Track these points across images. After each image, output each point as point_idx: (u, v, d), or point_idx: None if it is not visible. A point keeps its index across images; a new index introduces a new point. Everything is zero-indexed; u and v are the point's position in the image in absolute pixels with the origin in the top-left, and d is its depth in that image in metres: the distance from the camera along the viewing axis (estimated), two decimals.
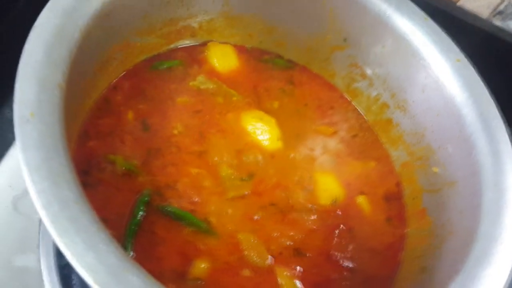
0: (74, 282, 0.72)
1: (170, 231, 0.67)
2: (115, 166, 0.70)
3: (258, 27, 0.91)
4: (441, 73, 0.76)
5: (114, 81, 0.80)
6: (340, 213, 0.77)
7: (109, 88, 0.79)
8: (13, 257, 0.74)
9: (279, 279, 0.68)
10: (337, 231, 0.75)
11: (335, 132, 0.88)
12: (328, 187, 0.79)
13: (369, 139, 0.91)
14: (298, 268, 0.70)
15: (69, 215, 0.45)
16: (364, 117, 0.93)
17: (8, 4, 0.91)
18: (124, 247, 0.63)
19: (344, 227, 0.76)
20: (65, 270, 0.72)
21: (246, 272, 0.67)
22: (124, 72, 0.81)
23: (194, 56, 0.88)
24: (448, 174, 0.74)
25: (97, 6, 0.63)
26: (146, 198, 0.68)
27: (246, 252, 0.68)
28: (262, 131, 0.80)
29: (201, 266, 0.65)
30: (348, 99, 0.94)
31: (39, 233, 0.75)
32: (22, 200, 0.78)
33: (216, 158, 0.75)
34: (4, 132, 0.47)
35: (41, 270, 0.72)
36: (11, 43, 0.56)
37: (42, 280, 0.72)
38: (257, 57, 0.94)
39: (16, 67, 0.52)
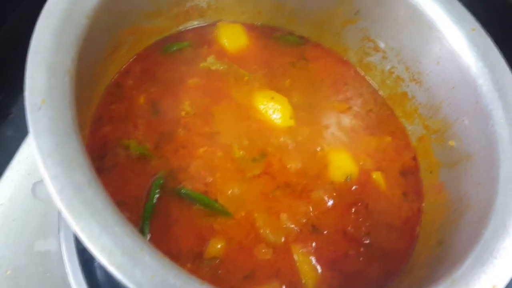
0: (95, 264, 0.74)
1: (185, 212, 0.68)
2: (129, 150, 0.70)
3: (268, 4, 0.90)
4: (456, 44, 0.74)
5: (125, 65, 0.80)
6: (356, 189, 0.77)
7: (121, 72, 0.79)
8: (35, 242, 0.76)
9: (295, 256, 0.68)
10: (353, 208, 0.75)
11: (349, 108, 0.87)
12: (342, 164, 0.78)
13: (384, 113, 0.89)
14: (314, 244, 0.70)
15: (83, 198, 0.46)
16: (379, 91, 0.91)
17: None
18: (142, 229, 0.65)
19: (360, 204, 0.76)
20: (86, 254, 0.74)
21: (262, 250, 0.68)
22: (135, 56, 0.82)
23: (204, 37, 0.87)
24: (465, 147, 0.73)
25: None
26: (160, 181, 0.69)
27: (261, 231, 0.69)
28: (274, 110, 0.80)
29: (217, 246, 0.66)
30: (362, 73, 0.93)
31: (59, 218, 0.77)
32: (41, 187, 0.80)
33: (227, 139, 0.75)
34: (22, 120, 0.48)
35: (62, 254, 0.75)
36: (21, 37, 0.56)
37: (63, 264, 0.74)
38: (267, 35, 0.92)
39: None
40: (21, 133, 0.85)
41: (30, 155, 0.83)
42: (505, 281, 0.54)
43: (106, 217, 0.46)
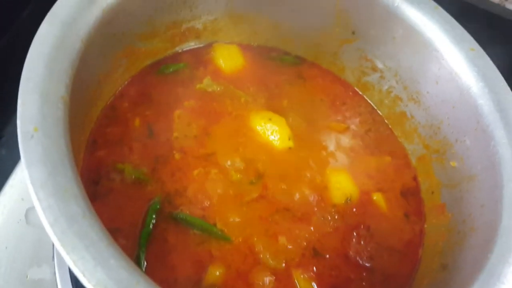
0: None
1: (182, 238, 0.66)
2: (124, 174, 0.69)
3: (264, 25, 0.90)
4: (455, 64, 0.74)
5: (121, 88, 0.79)
6: (356, 211, 0.75)
7: (116, 95, 0.78)
8: (28, 270, 0.74)
9: (296, 282, 0.66)
10: (355, 231, 0.73)
11: (347, 128, 0.86)
12: (341, 185, 0.77)
13: (383, 133, 0.89)
14: (315, 269, 0.68)
15: (78, 230, 0.45)
16: (377, 111, 0.91)
17: (10, 17, 0.91)
18: (138, 257, 0.63)
19: (362, 226, 0.74)
20: (81, 282, 0.72)
21: (263, 276, 0.66)
22: (130, 78, 0.81)
23: (200, 58, 0.87)
24: (466, 168, 0.72)
25: (98, 14, 0.62)
26: (157, 206, 0.67)
27: (261, 255, 0.67)
28: (272, 131, 0.79)
29: (215, 273, 0.64)
30: (360, 93, 0.92)
31: (53, 245, 0.75)
32: (35, 213, 0.77)
33: (224, 161, 0.74)
34: (15, 144, 0.47)
35: (56, 282, 0.72)
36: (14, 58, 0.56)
37: None
38: (264, 55, 0.92)
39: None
40: (14, 156, 0.84)
41: (23, 179, 0.81)
42: None
43: (101, 249, 0.45)
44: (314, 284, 0.67)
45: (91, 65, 0.63)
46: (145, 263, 0.63)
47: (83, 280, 0.43)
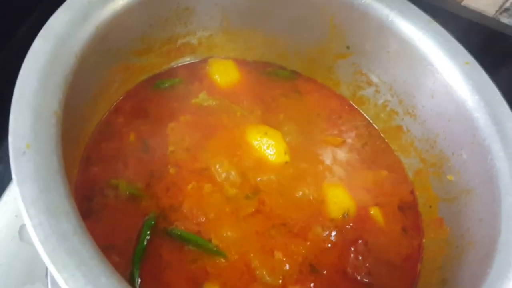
0: None
1: (177, 254, 0.65)
2: (119, 190, 0.68)
3: (259, 40, 0.90)
4: (450, 77, 0.74)
5: (115, 103, 0.79)
6: (354, 226, 0.75)
7: (111, 110, 0.78)
8: None
9: None
10: (353, 247, 0.72)
11: (343, 142, 0.86)
12: (338, 199, 0.76)
13: (379, 147, 0.88)
14: (312, 285, 0.67)
15: (69, 248, 0.44)
16: (373, 124, 0.91)
17: (5, 35, 0.91)
18: (132, 274, 0.62)
19: (359, 242, 0.73)
20: None
21: None
22: (125, 94, 0.81)
23: (195, 73, 0.87)
24: (464, 182, 0.71)
25: (92, 30, 0.62)
26: (151, 222, 0.66)
27: (257, 272, 0.66)
28: (268, 146, 0.78)
29: None
30: (356, 107, 0.92)
31: None
32: None
33: (220, 176, 0.73)
34: (9, 160, 0.47)
35: None
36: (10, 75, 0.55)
37: None
38: (259, 70, 0.92)
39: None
40: (8, 173, 0.82)
41: (17, 199, 0.80)
42: None
43: (92, 267, 0.44)
44: None
45: (85, 81, 0.63)
46: (139, 280, 0.62)
47: None
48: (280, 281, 0.66)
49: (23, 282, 0.74)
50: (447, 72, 0.74)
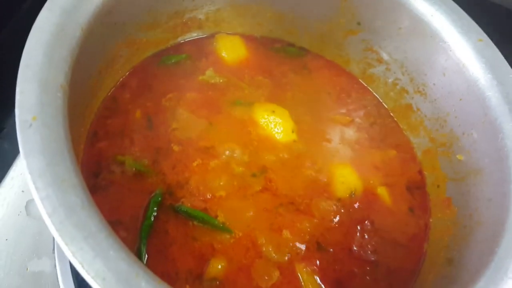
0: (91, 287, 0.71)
1: (184, 230, 0.65)
2: (125, 167, 0.68)
3: (267, 15, 0.88)
4: (463, 55, 0.72)
5: (122, 79, 0.78)
6: (361, 205, 0.74)
7: (117, 86, 0.77)
8: (29, 263, 0.73)
9: (299, 275, 0.66)
10: (359, 225, 0.72)
11: (352, 121, 0.85)
12: (346, 179, 0.76)
13: (388, 126, 0.87)
14: (318, 263, 0.67)
15: (76, 221, 0.44)
16: (383, 103, 0.89)
17: (9, 11, 0.90)
18: (139, 250, 0.62)
19: (366, 221, 0.73)
20: (81, 275, 0.71)
21: (265, 269, 0.65)
22: (132, 69, 0.80)
23: (202, 49, 0.86)
24: (473, 162, 0.71)
25: (98, 2, 0.61)
26: (158, 199, 0.66)
27: (264, 249, 0.66)
28: (275, 124, 0.78)
29: (217, 266, 0.63)
30: (365, 85, 0.91)
31: (53, 237, 0.75)
32: (35, 205, 0.77)
33: (227, 155, 0.73)
34: (15, 136, 0.46)
35: (57, 274, 0.72)
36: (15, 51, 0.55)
37: (58, 285, 0.71)
38: (267, 46, 0.91)
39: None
40: (15, 148, 0.82)
41: (24, 172, 0.80)
42: None
43: (100, 240, 0.44)
44: (317, 278, 0.66)
45: (91, 54, 0.62)
46: (146, 255, 0.62)
47: (81, 271, 0.42)
48: (287, 258, 0.66)
49: (30, 256, 0.74)
50: (460, 50, 0.73)
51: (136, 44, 0.78)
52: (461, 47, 0.73)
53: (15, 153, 0.84)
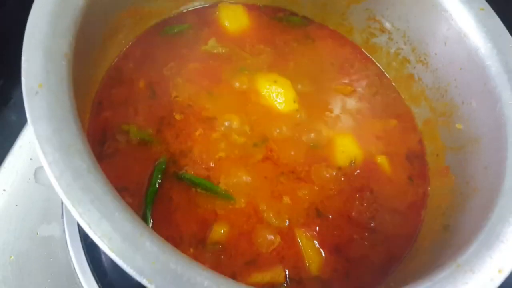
0: (99, 249, 0.74)
1: (187, 197, 0.67)
2: (130, 135, 0.69)
3: None
4: (464, 24, 0.72)
5: (125, 49, 0.79)
6: (360, 174, 0.76)
7: (120, 56, 0.78)
8: (38, 228, 0.76)
9: (299, 240, 0.68)
10: (358, 193, 0.74)
11: (354, 91, 0.86)
12: (346, 148, 0.77)
13: (390, 96, 0.88)
14: (318, 229, 0.69)
15: (83, 184, 0.46)
16: (385, 73, 0.90)
17: None
18: (144, 215, 0.64)
19: (365, 189, 0.75)
20: (89, 238, 0.73)
21: (266, 234, 0.67)
22: (135, 39, 0.80)
23: (205, 19, 0.86)
24: (472, 131, 0.71)
25: None
26: (162, 166, 0.68)
27: (265, 214, 0.68)
28: (277, 94, 0.78)
29: (220, 231, 0.65)
30: (367, 55, 0.91)
31: (62, 203, 0.77)
32: (43, 172, 0.79)
33: (228, 124, 0.74)
34: (23, 106, 0.48)
35: (65, 239, 0.75)
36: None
37: (67, 249, 0.74)
38: (270, 15, 0.91)
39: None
40: (23, 118, 0.84)
41: (32, 140, 0.82)
42: None
43: (106, 203, 0.46)
44: (316, 242, 0.68)
45: (94, 24, 0.63)
46: (152, 221, 0.64)
47: (89, 231, 0.44)
48: (287, 223, 0.68)
49: (40, 222, 0.77)
50: (461, 19, 0.72)
51: (138, 14, 0.78)
52: (463, 16, 0.72)
53: (22, 122, 0.85)
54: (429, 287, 0.51)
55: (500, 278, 0.52)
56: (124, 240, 0.44)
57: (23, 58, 0.50)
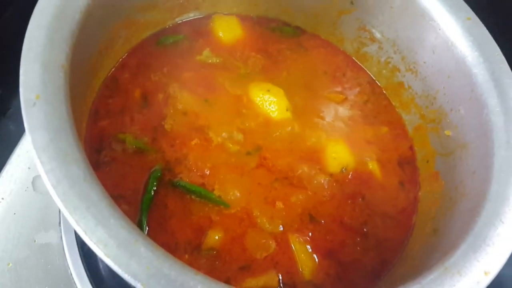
0: (96, 256, 0.75)
1: (182, 204, 0.69)
2: (126, 144, 0.71)
3: None
4: (451, 33, 0.74)
5: (121, 59, 0.80)
6: (352, 180, 0.77)
7: (117, 66, 0.79)
8: (36, 235, 0.77)
9: (292, 246, 0.69)
10: (350, 200, 0.75)
11: (346, 99, 0.88)
12: (338, 155, 0.78)
13: (381, 104, 0.90)
14: (311, 234, 0.71)
15: (79, 192, 0.47)
16: (376, 81, 0.91)
17: None
18: (140, 222, 0.65)
19: (357, 194, 0.76)
20: (86, 246, 0.73)
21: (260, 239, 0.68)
22: (130, 50, 0.82)
23: (199, 30, 0.88)
24: (460, 136, 0.73)
25: None
26: (158, 174, 0.69)
27: (259, 220, 0.69)
28: (270, 102, 0.80)
29: (214, 237, 0.66)
30: (359, 64, 0.93)
31: (59, 211, 0.78)
32: (41, 181, 0.80)
33: (223, 133, 0.75)
34: (21, 116, 0.49)
35: (63, 246, 0.76)
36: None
37: (64, 256, 0.75)
38: (263, 26, 0.93)
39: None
40: (21, 127, 0.84)
41: (29, 149, 0.83)
42: (498, 268, 0.54)
43: (101, 210, 0.47)
44: (309, 247, 0.69)
45: (91, 36, 0.65)
46: (147, 228, 0.65)
47: (85, 238, 0.45)
48: (280, 228, 0.70)
49: (37, 229, 0.78)
50: (449, 28, 0.74)
51: (134, 25, 0.80)
52: (450, 26, 0.74)
53: (20, 132, 0.87)
54: None
55: (486, 280, 0.53)
56: (119, 246, 0.45)
57: (21, 70, 0.51)
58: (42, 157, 0.47)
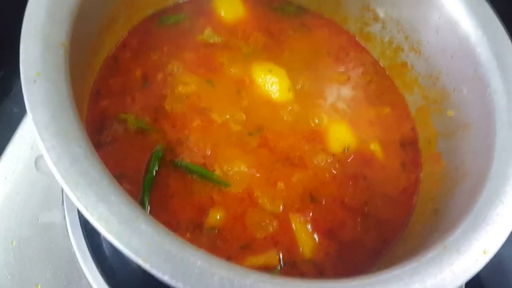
0: (99, 235, 0.76)
1: (184, 184, 0.69)
2: (127, 124, 0.71)
3: None
4: (455, 12, 0.73)
5: (122, 39, 0.80)
6: (354, 160, 0.77)
7: (118, 46, 0.79)
8: (40, 214, 0.78)
9: (293, 225, 0.69)
10: (351, 180, 0.75)
11: (348, 79, 0.87)
12: (340, 135, 0.78)
13: (384, 84, 0.89)
14: (311, 214, 0.71)
15: (80, 169, 0.47)
16: (379, 62, 0.91)
17: None
18: (142, 201, 0.66)
19: (359, 175, 0.76)
20: (89, 224, 0.74)
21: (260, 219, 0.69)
22: (131, 29, 0.81)
23: (201, 8, 0.87)
24: (463, 117, 0.73)
25: None
26: (159, 154, 0.69)
27: (260, 200, 0.70)
28: (272, 83, 0.79)
29: (216, 216, 0.67)
30: (362, 44, 0.92)
31: (62, 190, 0.79)
32: (44, 160, 0.81)
33: (224, 113, 0.75)
34: (23, 96, 0.49)
35: (66, 225, 0.76)
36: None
37: (68, 235, 0.76)
38: (265, 5, 0.91)
39: None
40: (23, 108, 0.85)
41: (31, 129, 0.83)
42: (497, 247, 0.54)
43: (102, 187, 0.47)
44: (309, 227, 0.70)
45: (91, 14, 0.64)
46: (149, 207, 0.66)
47: (86, 214, 0.46)
48: (281, 208, 0.70)
49: (40, 209, 0.79)
50: (452, 6, 0.73)
51: (135, 4, 0.79)
52: (454, 4, 0.73)
53: (23, 113, 0.87)
54: (416, 267, 0.52)
55: (485, 259, 0.53)
56: (120, 222, 0.46)
57: (21, 47, 0.51)
58: (43, 134, 0.47)
